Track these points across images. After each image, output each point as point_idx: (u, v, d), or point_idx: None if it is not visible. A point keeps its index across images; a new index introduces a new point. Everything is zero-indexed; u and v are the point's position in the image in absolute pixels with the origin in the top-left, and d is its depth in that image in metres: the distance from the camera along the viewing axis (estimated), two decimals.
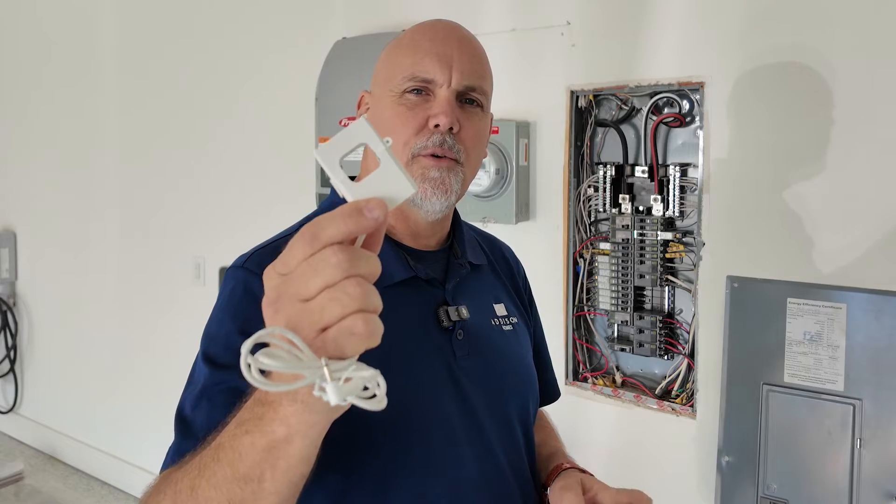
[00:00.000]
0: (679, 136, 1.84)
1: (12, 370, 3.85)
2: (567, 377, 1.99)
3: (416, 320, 0.90)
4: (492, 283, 1.04)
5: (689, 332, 1.83)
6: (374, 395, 0.51)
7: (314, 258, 0.50)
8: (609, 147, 1.95)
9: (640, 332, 1.88)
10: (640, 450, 1.90)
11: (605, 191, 1.90)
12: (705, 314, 1.76)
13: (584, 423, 1.96)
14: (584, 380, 1.98)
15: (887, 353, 1.48)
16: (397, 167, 0.54)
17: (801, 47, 1.60)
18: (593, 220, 1.99)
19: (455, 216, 1.03)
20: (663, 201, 1.82)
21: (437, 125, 0.88)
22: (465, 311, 0.92)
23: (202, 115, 2.91)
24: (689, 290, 1.83)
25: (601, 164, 1.94)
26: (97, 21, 3.30)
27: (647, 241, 1.85)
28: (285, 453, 0.58)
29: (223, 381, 0.78)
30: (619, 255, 1.89)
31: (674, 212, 1.82)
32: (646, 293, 1.91)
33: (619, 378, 1.95)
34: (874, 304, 1.49)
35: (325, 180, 2.34)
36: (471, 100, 0.91)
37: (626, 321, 1.91)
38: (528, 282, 1.17)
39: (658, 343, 1.86)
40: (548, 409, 1.21)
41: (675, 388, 1.85)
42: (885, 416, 1.48)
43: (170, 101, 3.03)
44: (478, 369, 0.92)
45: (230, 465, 0.60)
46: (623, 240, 1.89)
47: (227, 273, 0.88)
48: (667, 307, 1.89)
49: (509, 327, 1.01)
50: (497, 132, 1.97)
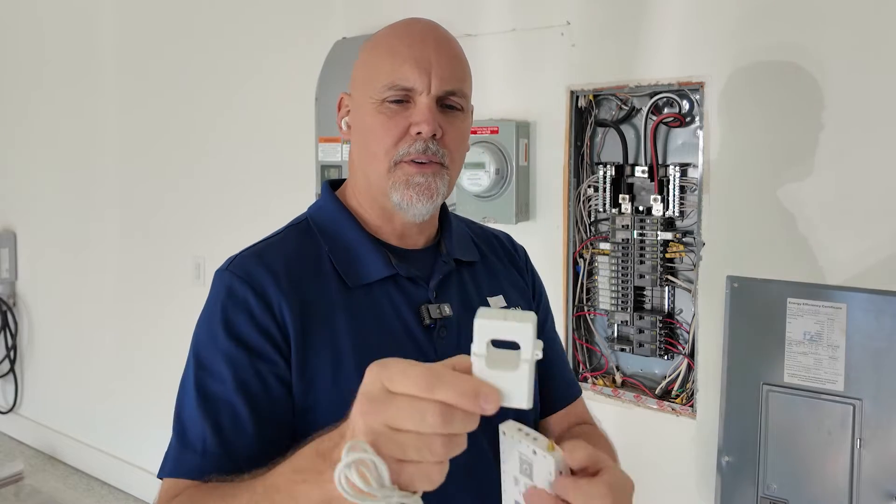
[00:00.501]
0: (679, 136, 1.84)
1: (12, 370, 3.85)
2: None
3: (397, 318, 0.90)
4: (487, 276, 1.03)
5: (689, 332, 1.83)
6: None
7: (419, 403, 0.53)
8: (609, 147, 1.95)
9: (640, 332, 1.88)
10: (640, 450, 1.90)
11: (604, 191, 1.90)
12: (705, 314, 1.76)
13: None
14: (584, 380, 1.98)
15: (887, 354, 1.48)
16: (528, 381, 0.55)
17: (801, 47, 1.60)
18: (593, 220, 1.99)
19: (444, 213, 1.02)
20: (663, 201, 1.82)
21: (420, 132, 0.88)
22: (447, 309, 0.92)
23: (202, 115, 2.91)
24: (689, 290, 1.83)
25: (601, 164, 1.94)
26: (97, 22, 3.30)
27: (647, 241, 1.85)
28: None
29: (212, 387, 0.83)
30: (619, 255, 1.89)
31: (674, 212, 1.82)
32: (646, 293, 1.91)
33: (619, 378, 1.95)
34: (874, 304, 1.49)
35: (323, 180, 2.34)
36: (451, 105, 0.91)
37: (626, 321, 1.91)
38: (534, 269, 1.13)
39: (658, 343, 1.86)
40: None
41: (675, 388, 1.85)
42: (885, 417, 1.48)
43: (170, 101, 3.03)
44: None
45: None
46: (623, 240, 1.89)
47: (214, 275, 0.90)
48: (667, 307, 1.89)
49: None
50: (497, 132, 1.97)
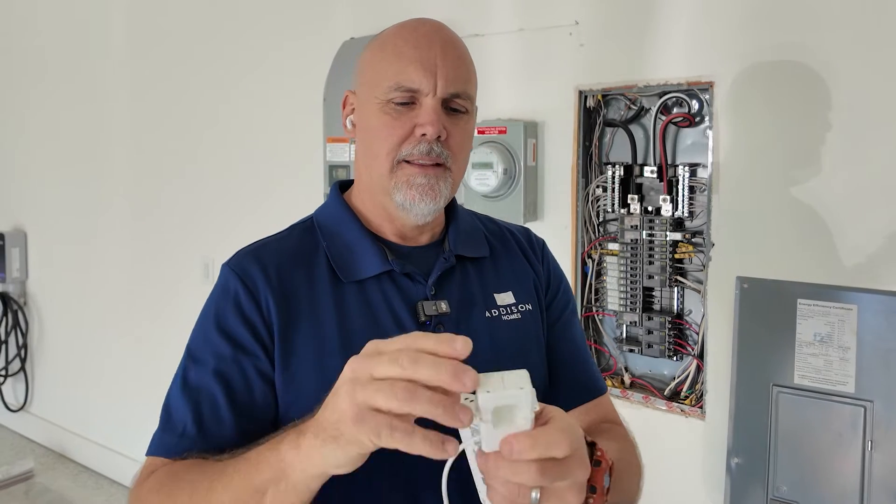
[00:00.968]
0: (688, 136, 1.83)
1: (23, 369, 3.87)
2: None
3: (392, 315, 0.90)
4: (496, 272, 1.02)
5: (698, 333, 1.82)
6: None
7: (400, 357, 0.59)
8: (618, 147, 1.95)
9: (649, 332, 1.87)
10: (648, 451, 1.88)
11: (613, 191, 1.90)
12: (714, 315, 1.75)
13: None
14: None
15: None
16: (528, 419, 0.60)
17: (810, 47, 1.59)
18: (602, 220, 1.98)
19: (450, 210, 1.02)
20: (672, 202, 1.82)
21: (424, 134, 0.88)
22: (444, 306, 0.92)
23: (211, 116, 2.92)
24: (699, 291, 1.82)
25: (610, 164, 1.93)
26: (105, 24, 3.32)
27: (656, 242, 1.84)
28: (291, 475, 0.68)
29: (196, 375, 0.86)
30: (628, 255, 1.89)
31: (683, 212, 1.81)
32: (654, 294, 1.91)
33: (627, 379, 1.94)
34: (885, 305, 1.48)
35: (332, 181, 2.35)
36: (456, 108, 0.91)
37: (635, 322, 1.90)
38: (553, 262, 1.10)
39: (667, 344, 1.85)
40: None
41: (685, 389, 1.84)
42: None
43: (178, 102, 3.04)
44: None
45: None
46: (632, 240, 1.88)
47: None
48: (676, 308, 1.88)
49: (514, 316, 0.99)
50: (505, 132, 1.97)
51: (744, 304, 1.65)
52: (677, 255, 1.83)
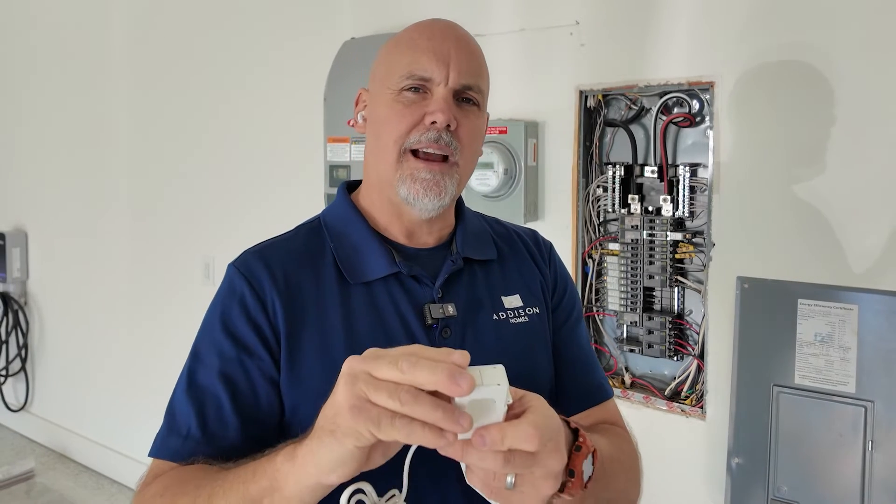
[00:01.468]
0: (689, 136, 1.83)
1: (24, 369, 3.88)
2: None
3: (398, 318, 0.90)
4: (503, 275, 1.01)
5: (698, 333, 1.82)
6: None
7: (399, 361, 0.60)
8: (618, 147, 1.95)
9: (650, 332, 1.87)
10: (649, 451, 1.88)
11: (614, 191, 1.90)
12: (715, 315, 1.75)
13: None
14: None
15: None
16: (500, 412, 0.62)
17: (812, 47, 1.59)
18: (602, 220, 1.98)
19: (458, 212, 1.02)
20: (673, 202, 1.81)
21: (434, 122, 0.88)
22: (451, 309, 0.91)
23: (211, 115, 2.92)
24: (699, 291, 1.82)
25: (610, 164, 1.93)
26: (107, 22, 3.32)
27: (657, 242, 1.84)
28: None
29: (201, 376, 0.86)
30: (629, 255, 1.89)
31: (683, 212, 1.81)
32: (655, 294, 1.90)
33: (628, 379, 1.94)
34: (886, 305, 1.48)
35: (332, 181, 2.35)
36: (468, 98, 0.92)
37: (636, 322, 1.90)
38: (560, 264, 1.09)
39: (667, 344, 1.85)
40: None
41: (685, 389, 1.84)
42: None
43: (179, 102, 3.04)
44: None
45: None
46: (632, 240, 1.88)
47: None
48: (676, 308, 1.88)
49: (522, 319, 0.98)
50: (505, 132, 1.97)
51: (744, 304, 1.65)
52: (678, 255, 1.83)
